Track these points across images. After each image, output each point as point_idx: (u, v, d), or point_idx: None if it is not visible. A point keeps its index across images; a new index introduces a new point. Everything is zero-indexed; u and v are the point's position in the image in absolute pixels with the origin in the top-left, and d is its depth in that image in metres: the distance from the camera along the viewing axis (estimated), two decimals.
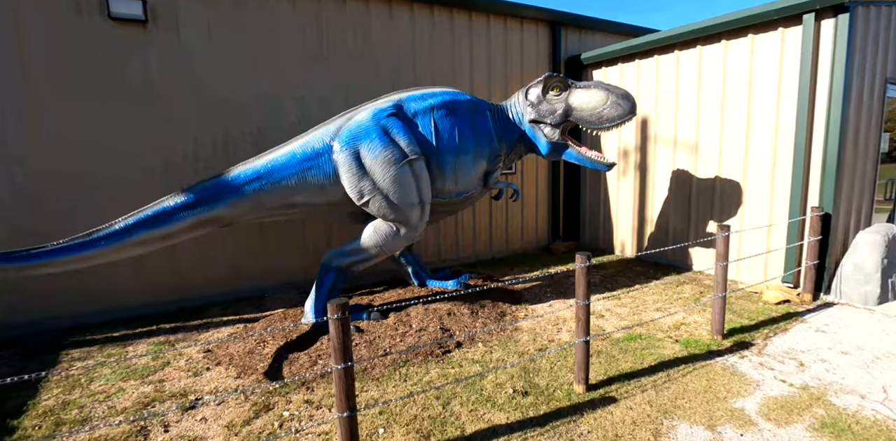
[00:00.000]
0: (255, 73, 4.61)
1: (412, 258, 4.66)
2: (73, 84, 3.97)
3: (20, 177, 3.88)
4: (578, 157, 4.23)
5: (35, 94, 3.87)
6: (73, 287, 4.11)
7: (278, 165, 3.51)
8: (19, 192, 3.89)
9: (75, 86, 3.98)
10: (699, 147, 5.15)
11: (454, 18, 5.52)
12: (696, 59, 5.10)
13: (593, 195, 6.51)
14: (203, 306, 4.57)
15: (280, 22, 4.66)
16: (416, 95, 3.89)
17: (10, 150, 3.83)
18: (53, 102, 3.93)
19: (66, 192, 4.02)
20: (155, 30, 4.22)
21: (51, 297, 4.06)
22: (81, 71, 3.99)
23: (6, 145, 3.81)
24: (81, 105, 4.01)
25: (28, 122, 3.87)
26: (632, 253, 6.04)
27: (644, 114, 5.68)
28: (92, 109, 4.06)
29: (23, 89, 3.82)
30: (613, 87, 4.01)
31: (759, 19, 4.40)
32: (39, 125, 3.91)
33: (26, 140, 3.87)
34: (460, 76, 5.65)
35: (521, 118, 4.24)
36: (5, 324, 3.93)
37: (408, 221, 3.71)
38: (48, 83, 3.90)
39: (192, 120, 4.42)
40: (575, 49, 6.44)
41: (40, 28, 3.84)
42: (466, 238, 5.96)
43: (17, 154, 3.85)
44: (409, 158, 3.61)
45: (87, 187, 4.09)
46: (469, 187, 4.04)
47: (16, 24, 3.77)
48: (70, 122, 4.00)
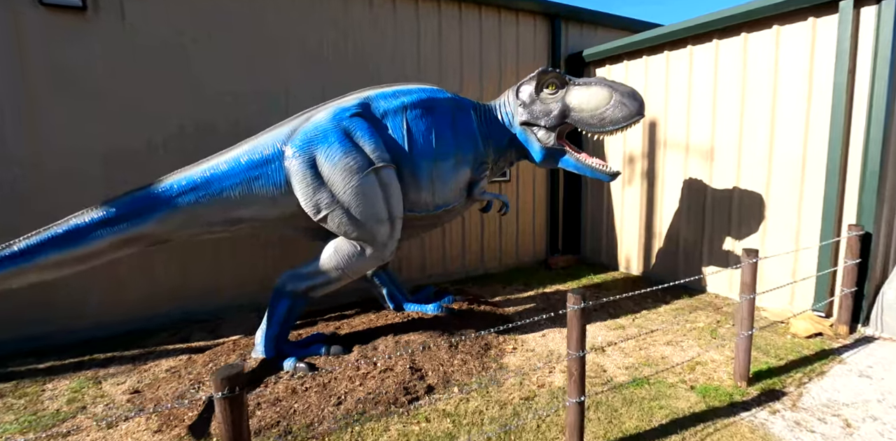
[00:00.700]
0: (214, 63, 4.09)
1: (387, 278, 4.10)
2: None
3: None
4: (577, 165, 3.66)
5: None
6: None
7: (219, 174, 2.97)
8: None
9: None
10: (715, 153, 4.57)
11: (442, 9, 4.98)
12: (711, 55, 4.52)
13: (596, 205, 5.93)
14: (151, 331, 4.03)
15: (240, 8, 4.13)
16: (388, 93, 3.34)
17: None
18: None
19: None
20: (96, 17, 3.70)
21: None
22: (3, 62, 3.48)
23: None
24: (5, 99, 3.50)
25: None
26: (638, 270, 5.46)
27: (653, 116, 5.11)
28: (22, 103, 3.54)
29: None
30: (618, 85, 3.45)
31: (786, 8, 3.83)
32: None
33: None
34: (448, 74, 5.10)
35: (512, 120, 3.69)
36: None
37: (374, 240, 3.15)
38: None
39: (139, 114, 3.89)
40: (576, 45, 5.88)
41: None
42: (455, 251, 5.40)
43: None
44: (376, 166, 3.06)
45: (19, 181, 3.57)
46: (450, 199, 3.48)
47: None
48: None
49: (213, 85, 4.09)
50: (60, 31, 3.61)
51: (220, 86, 4.12)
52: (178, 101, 3.99)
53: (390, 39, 4.75)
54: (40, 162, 3.64)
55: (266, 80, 4.27)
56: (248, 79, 4.21)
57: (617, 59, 5.45)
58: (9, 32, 3.48)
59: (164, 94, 3.94)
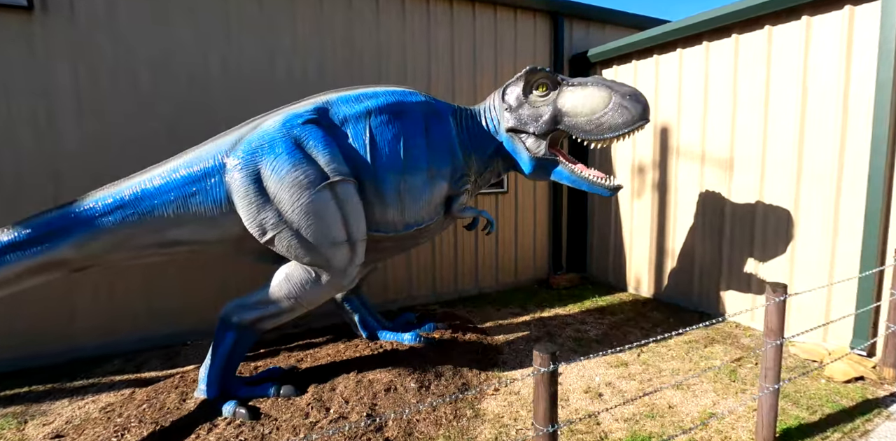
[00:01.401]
0: (174, 61, 3.75)
1: (359, 303, 3.67)
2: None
3: None
4: (572, 178, 3.18)
5: None
6: None
7: (150, 190, 2.59)
8: None
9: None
10: (734, 162, 4.04)
11: (430, 6, 4.58)
12: (730, 51, 4.00)
13: (603, 218, 5.41)
14: (102, 357, 3.67)
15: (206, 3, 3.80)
16: (351, 96, 2.93)
17: None
18: None
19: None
20: (43, 17, 3.40)
21: None
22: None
23: None
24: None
25: None
26: (648, 291, 4.91)
27: (664, 120, 4.59)
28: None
29: None
30: (618, 85, 2.98)
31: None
32: None
33: None
34: (438, 77, 4.69)
35: (498, 126, 3.24)
36: None
37: (329, 265, 2.73)
38: None
39: (91, 119, 3.57)
40: (582, 45, 5.40)
41: None
42: (446, 269, 4.95)
43: None
44: (330, 180, 2.64)
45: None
46: (422, 217, 3.04)
47: None
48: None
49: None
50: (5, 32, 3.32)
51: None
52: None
53: (372, 38, 4.36)
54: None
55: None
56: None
57: (625, 59, 4.96)
58: None
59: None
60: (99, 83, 3.55)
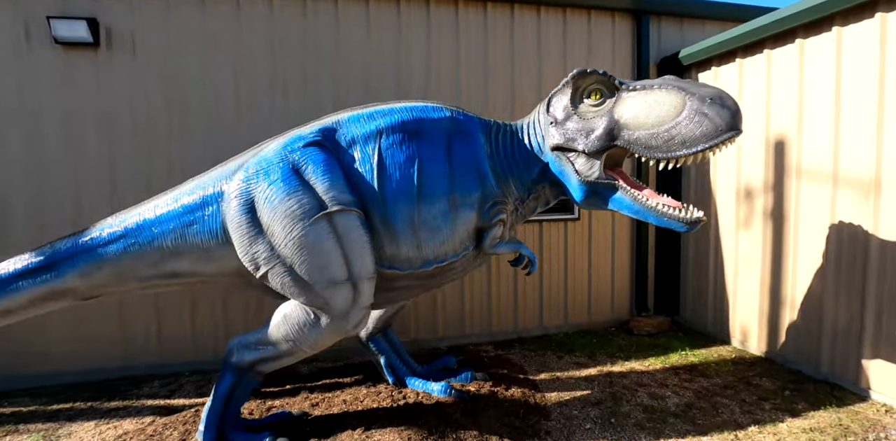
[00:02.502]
0: (224, 94, 3.76)
1: (387, 344, 3.28)
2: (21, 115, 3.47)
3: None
4: (635, 208, 2.50)
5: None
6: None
7: (151, 220, 2.47)
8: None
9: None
10: (881, 184, 3.00)
11: (488, 11, 4.16)
12: (873, 37, 3.02)
13: (700, 251, 4.46)
14: (148, 377, 3.69)
15: (248, 34, 3.77)
16: (363, 114, 2.59)
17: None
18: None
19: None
20: (108, 52, 3.59)
21: None
22: (31, 101, 3.48)
23: None
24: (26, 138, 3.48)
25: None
26: (758, 348, 3.87)
27: (778, 131, 3.64)
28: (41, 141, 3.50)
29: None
30: (696, 86, 2.28)
31: None
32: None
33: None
34: (496, 89, 4.22)
35: (542, 144, 2.69)
36: None
37: (329, 307, 2.38)
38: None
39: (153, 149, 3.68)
40: (674, 47, 4.59)
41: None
42: (504, 304, 4.38)
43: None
44: (328, 211, 2.31)
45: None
46: (444, 253, 2.57)
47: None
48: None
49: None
50: (74, 68, 3.55)
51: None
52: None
53: (420, 51, 4.05)
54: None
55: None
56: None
57: (726, 58, 4.07)
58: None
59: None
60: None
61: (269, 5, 3.77)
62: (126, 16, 3.58)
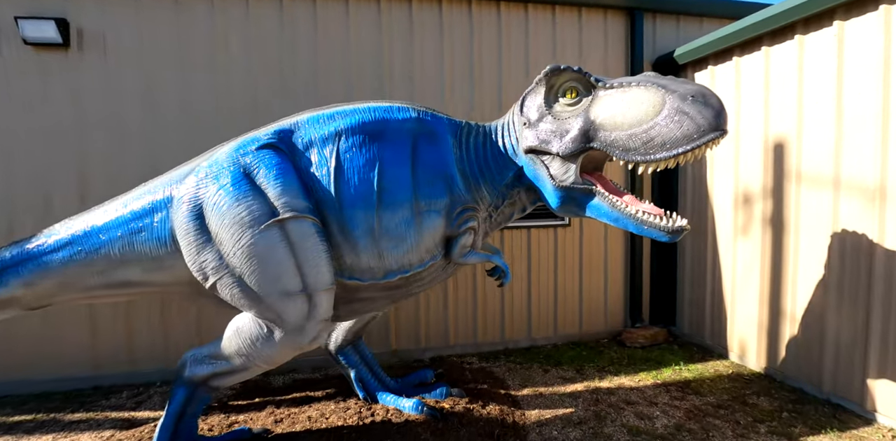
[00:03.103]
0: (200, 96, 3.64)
1: (358, 357, 3.12)
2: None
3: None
4: (613, 215, 2.32)
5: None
6: None
7: (99, 226, 2.33)
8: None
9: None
10: (887, 192, 2.78)
11: (473, 10, 4.01)
12: (877, 32, 2.81)
13: (696, 259, 4.24)
14: (117, 387, 3.57)
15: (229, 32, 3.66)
16: (323, 115, 2.45)
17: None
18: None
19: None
20: (79, 53, 3.50)
21: None
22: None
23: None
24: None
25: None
26: (757, 363, 3.64)
27: (778, 134, 3.43)
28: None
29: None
30: (676, 83, 2.10)
31: None
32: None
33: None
34: (481, 93, 4.06)
35: (517, 146, 2.52)
36: None
37: (281, 320, 2.23)
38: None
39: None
40: (671, 45, 4.40)
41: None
42: (491, 314, 4.19)
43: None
44: (279, 218, 2.16)
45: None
46: (409, 262, 2.41)
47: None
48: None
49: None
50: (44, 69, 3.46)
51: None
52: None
53: (404, 48, 3.90)
54: None
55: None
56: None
57: (723, 57, 3.87)
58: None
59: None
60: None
61: (244, 4, 3.65)
62: (98, 16, 3.48)
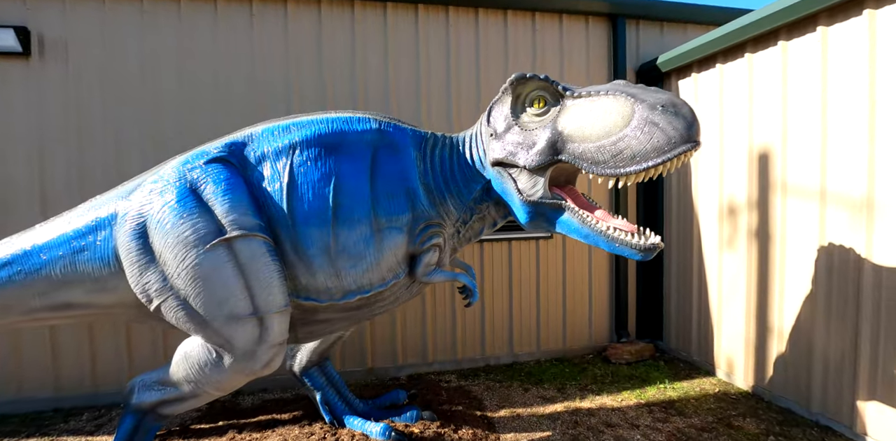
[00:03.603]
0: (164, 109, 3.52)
1: (324, 379, 2.97)
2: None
3: None
4: (583, 231, 2.19)
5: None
6: None
7: (40, 245, 2.20)
8: None
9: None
10: (874, 204, 2.66)
11: (450, 15, 3.91)
12: (862, 37, 2.71)
13: (682, 272, 4.11)
14: (79, 409, 3.42)
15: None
16: (278, 127, 2.33)
17: None
18: None
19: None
20: (40, 61, 3.39)
21: None
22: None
23: None
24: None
25: None
26: (744, 381, 3.50)
27: (762, 144, 3.31)
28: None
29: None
30: (646, 92, 1.97)
31: None
32: None
33: None
34: (459, 105, 3.95)
35: (485, 158, 2.40)
36: None
37: (230, 345, 2.09)
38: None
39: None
40: (655, 52, 4.31)
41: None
42: (471, 329, 4.05)
43: None
44: (226, 237, 2.03)
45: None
46: (369, 282, 2.28)
47: None
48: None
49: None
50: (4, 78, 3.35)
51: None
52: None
53: (375, 51, 3.80)
54: None
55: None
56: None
57: (706, 64, 3.77)
58: None
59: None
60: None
61: (213, 13, 3.55)
62: (60, 24, 3.38)
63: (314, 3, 3.67)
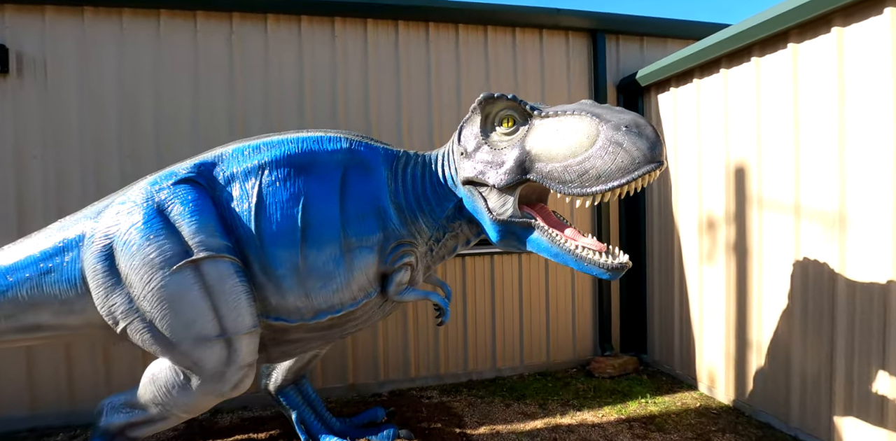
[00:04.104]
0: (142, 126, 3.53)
1: (300, 397, 2.94)
2: None
3: None
4: (553, 250, 2.20)
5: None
6: None
7: (7, 267, 2.18)
8: None
9: None
10: (846, 218, 2.67)
11: (431, 35, 3.94)
12: (831, 54, 2.75)
13: (664, 285, 4.11)
14: (55, 428, 3.37)
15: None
16: (248, 147, 2.33)
17: None
18: None
19: None
20: (18, 80, 3.39)
21: None
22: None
23: None
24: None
25: None
26: (726, 395, 3.49)
27: (738, 158, 3.34)
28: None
29: None
30: (611, 112, 1.99)
31: None
32: None
33: None
34: (440, 122, 3.97)
35: (456, 176, 2.41)
36: None
37: (198, 367, 2.08)
38: None
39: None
40: (635, 66, 4.35)
41: None
42: (453, 344, 4.03)
43: None
44: (192, 258, 2.03)
45: None
46: (340, 301, 2.27)
47: None
48: None
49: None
50: None
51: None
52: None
53: (354, 68, 3.82)
54: None
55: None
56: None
57: (684, 78, 3.81)
58: None
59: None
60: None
61: (192, 31, 3.57)
62: (38, 42, 3.38)
63: (294, 20, 3.70)
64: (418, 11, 3.78)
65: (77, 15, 3.41)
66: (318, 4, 3.61)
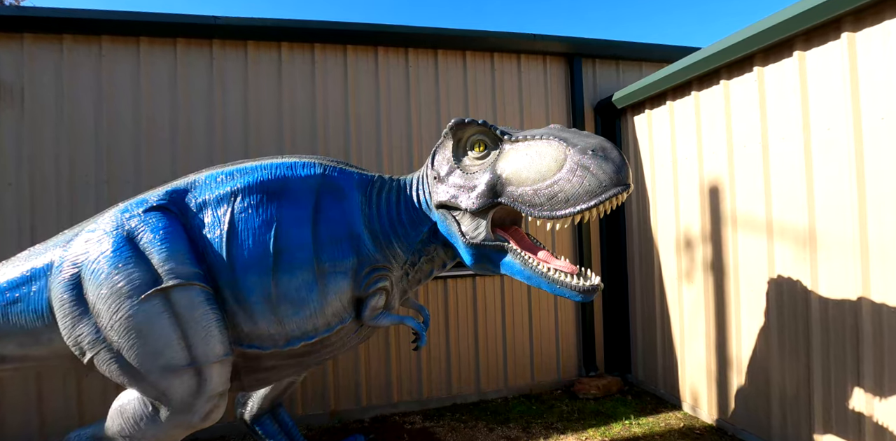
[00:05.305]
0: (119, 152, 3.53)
1: (276, 426, 2.88)
2: None
3: None
4: (525, 273, 2.20)
5: None
6: None
7: None
8: None
9: None
10: (816, 238, 2.72)
11: (410, 59, 4.02)
12: (793, 77, 2.84)
13: (646, 304, 4.12)
14: None
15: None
16: (221, 173, 2.34)
17: None
18: None
19: None
20: None
21: None
22: None
23: None
24: None
25: None
26: (709, 414, 3.47)
27: (712, 177, 3.40)
28: None
29: None
30: (578, 136, 2.02)
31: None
32: None
33: None
34: (420, 145, 4.02)
35: (430, 200, 2.43)
36: None
37: (166, 398, 2.03)
38: None
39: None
40: (611, 88, 4.45)
41: None
42: (436, 367, 3.98)
43: None
44: (161, 286, 2.00)
45: None
46: (314, 327, 2.24)
47: None
48: None
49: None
50: None
51: None
52: None
53: (334, 93, 3.87)
54: None
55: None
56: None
57: (658, 101, 3.91)
58: None
59: None
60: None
61: (172, 59, 3.60)
62: (16, 70, 3.39)
63: (274, 46, 3.76)
64: (397, 38, 3.86)
65: (56, 42, 3.44)
66: (298, 31, 3.68)
